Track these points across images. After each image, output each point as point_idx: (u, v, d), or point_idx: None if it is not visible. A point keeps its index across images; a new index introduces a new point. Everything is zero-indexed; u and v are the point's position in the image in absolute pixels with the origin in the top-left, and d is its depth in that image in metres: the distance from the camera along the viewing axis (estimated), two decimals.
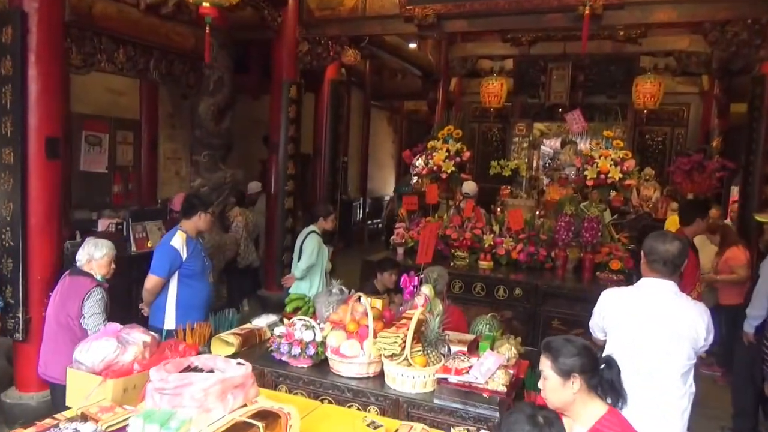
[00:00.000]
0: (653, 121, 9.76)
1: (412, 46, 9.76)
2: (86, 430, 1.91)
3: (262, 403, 2.17)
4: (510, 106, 10.29)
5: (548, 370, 1.94)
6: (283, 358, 2.83)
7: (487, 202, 7.03)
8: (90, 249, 3.35)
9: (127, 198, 7.49)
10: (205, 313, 3.59)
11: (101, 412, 2.06)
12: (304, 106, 7.13)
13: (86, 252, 3.36)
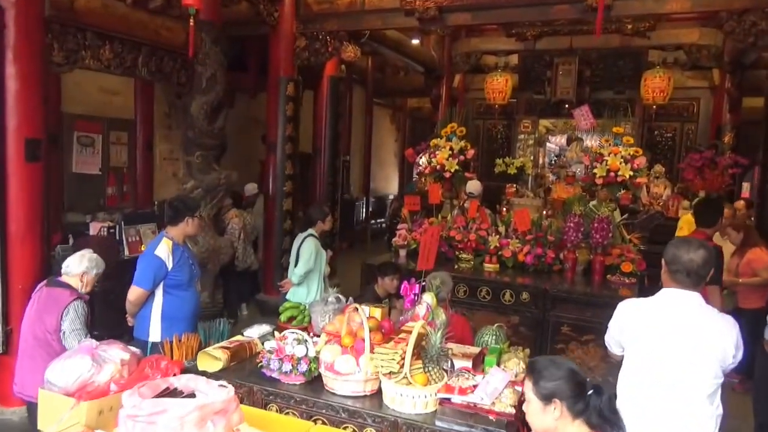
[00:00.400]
0: (662, 117, 9.55)
1: (414, 42, 9.55)
2: None
3: (246, 431, 1.98)
4: (515, 102, 10.07)
5: (530, 392, 1.83)
6: (274, 375, 2.63)
7: (492, 202, 6.83)
8: (87, 264, 3.23)
9: (121, 200, 7.31)
10: (193, 323, 3.40)
11: None
12: (303, 105, 6.94)
13: (83, 265, 3.21)
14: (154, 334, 3.30)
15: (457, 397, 2.32)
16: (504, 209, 6.60)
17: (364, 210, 13.38)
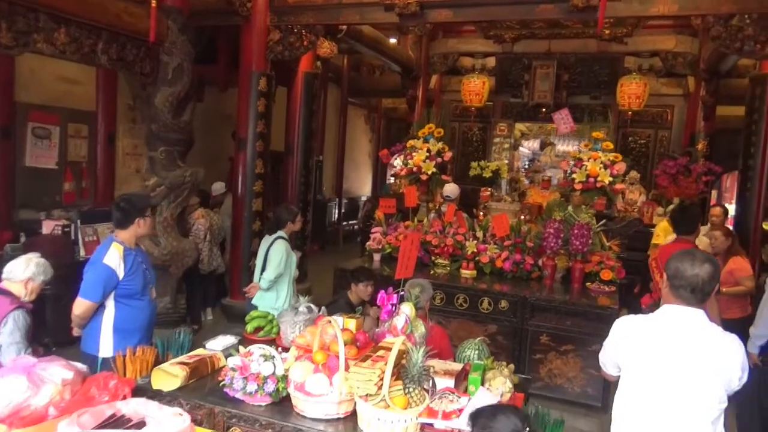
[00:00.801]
0: (637, 123, 9.56)
1: (392, 41, 9.35)
2: None
3: None
4: (491, 105, 9.96)
5: None
6: (237, 395, 2.37)
7: (467, 205, 6.67)
8: (34, 269, 2.96)
9: (80, 197, 6.90)
10: (149, 334, 3.09)
11: None
12: (275, 101, 6.65)
13: (29, 271, 2.94)
14: (105, 349, 2.96)
15: (440, 422, 2.11)
16: (481, 213, 6.44)
17: (336, 211, 13.16)
